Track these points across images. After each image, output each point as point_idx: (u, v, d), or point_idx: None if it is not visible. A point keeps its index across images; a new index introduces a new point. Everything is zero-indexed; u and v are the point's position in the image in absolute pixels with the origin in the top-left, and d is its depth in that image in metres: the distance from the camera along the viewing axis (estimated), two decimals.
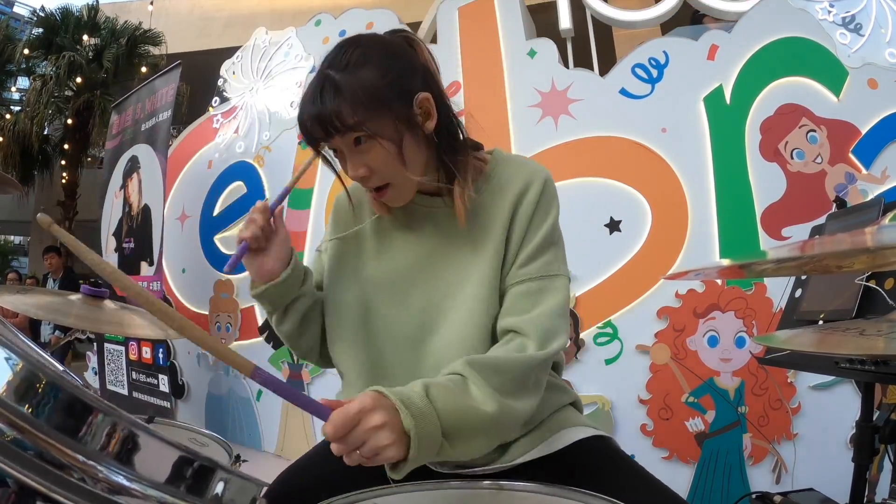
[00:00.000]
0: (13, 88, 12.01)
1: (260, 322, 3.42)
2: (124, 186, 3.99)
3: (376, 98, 0.79)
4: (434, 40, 3.23)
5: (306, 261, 3.30)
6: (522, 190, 0.90)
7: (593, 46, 3.86)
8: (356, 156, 0.83)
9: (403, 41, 0.88)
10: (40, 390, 0.46)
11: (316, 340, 0.98)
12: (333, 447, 0.66)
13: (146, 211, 3.70)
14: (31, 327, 6.42)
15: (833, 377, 2.19)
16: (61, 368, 1.07)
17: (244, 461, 1.15)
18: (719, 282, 2.38)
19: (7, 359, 0.47)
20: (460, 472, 0.91)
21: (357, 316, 0.94)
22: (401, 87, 0.82)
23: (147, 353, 3.66)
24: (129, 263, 3.81)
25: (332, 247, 0.99)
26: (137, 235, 3.76)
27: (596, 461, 0.91)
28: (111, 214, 4.14)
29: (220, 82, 3.93)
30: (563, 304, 0.88)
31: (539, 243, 0.88)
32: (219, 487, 0.55)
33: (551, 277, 0.88)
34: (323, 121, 0.81)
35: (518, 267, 0.88)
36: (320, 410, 0.66)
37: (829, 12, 2.60)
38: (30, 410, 0.45)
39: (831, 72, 2.51)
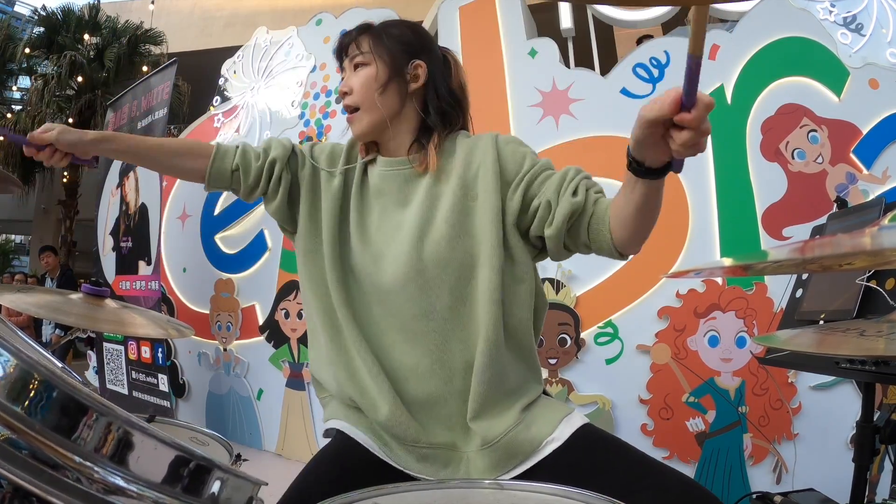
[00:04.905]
0: (14, 88, 12.03)
1: (261, 321, 3.42)
2: (121, 185, 3.98)
3: (384, 41, 1.05)
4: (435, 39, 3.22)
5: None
6: (470, 149, 1.05)
7: (594, 46, 3.86)
8: (351, 76, 1.05)
9: (432, 37, 1.14)
10: (34, 390, 0.46)
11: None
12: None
13: (143, 210, 3.69)
14: (34, 325, 6.43)
15: (833, 377, 2.19)
16: (60, 366, 1.07)
17: (245, 460, 1.14)
18: (720, 282, 2.38)
19: None
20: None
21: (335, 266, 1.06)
22: (406, 48, 1.05)
23: (146, 352, 3.66)
24: (127, 263, 3.81)
25: (324, 179, 1.11)
26: (135, 235, 3.75)
27: (588, 458, 0.93)
28: (108, 213, 4.13)
29: (221, 81, 3.93)
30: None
31: (532, 165, 1.03)
32: (216, 487, 0.54)
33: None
34: (344, 41, 1.08)
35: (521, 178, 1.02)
36: None
37: (831, 12, 2.60)
38: (23, 410, 0.44)
39: (832, 72, 2.50)
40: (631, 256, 0.99)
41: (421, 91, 1.07)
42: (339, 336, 1.05)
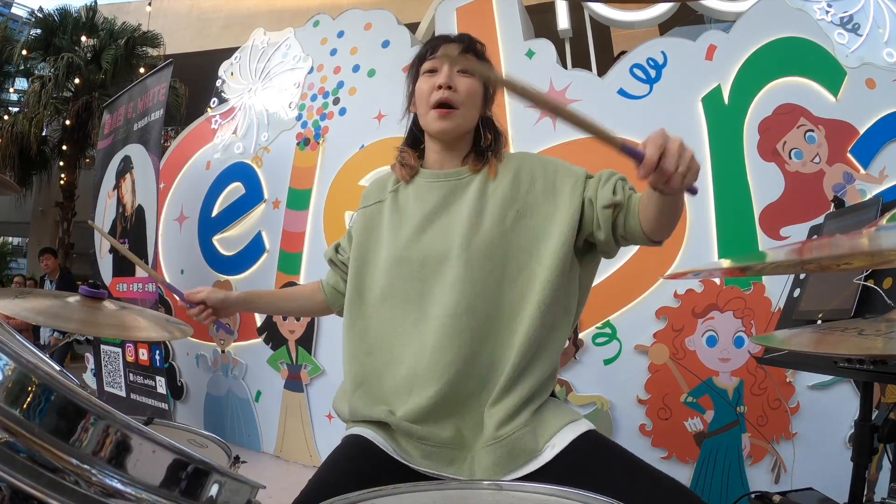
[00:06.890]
0: (11, 90, 12.02)
1: (259, 323, 3.42)
2: (117, 187, 3.97)
3: (487, 66, 1.16)
4: None
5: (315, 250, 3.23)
6: (524, 168, 1.17)
7: (591, 47, 3.87)
8: (456, 77, 1.12)
9: None
10: (32, 393, 0.46)
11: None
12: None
13: (140, 211, 3.68)
14: (32, 328, 6.41)
15: (832, 377, 2.19)
16: (58, 369, 1.06)
17: (243, 462, 1.14)
18: (718, 282, 2.38)
19: None
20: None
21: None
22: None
23: (144, 354, 3.65)
24: (125, 265, 3.80)
25: (360, 217, 1.23)
26: (132, 236, 3.73)
27: (587, 462, 0.95)
28: (104, 215, 4.11)
29: (218, 83, 3.93)
30: None
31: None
32: (214, 490, 0.54)
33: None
34: (469, 41, 1.17)
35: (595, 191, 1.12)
36: None
37: (828, 12, 2.60)
38: (22, 413, 0.44)
39: (829, 72, 2.51)
40: (663, 242, 1.06)
41: (488, 118, 1.21)
42: (365, 334, 1.13)
